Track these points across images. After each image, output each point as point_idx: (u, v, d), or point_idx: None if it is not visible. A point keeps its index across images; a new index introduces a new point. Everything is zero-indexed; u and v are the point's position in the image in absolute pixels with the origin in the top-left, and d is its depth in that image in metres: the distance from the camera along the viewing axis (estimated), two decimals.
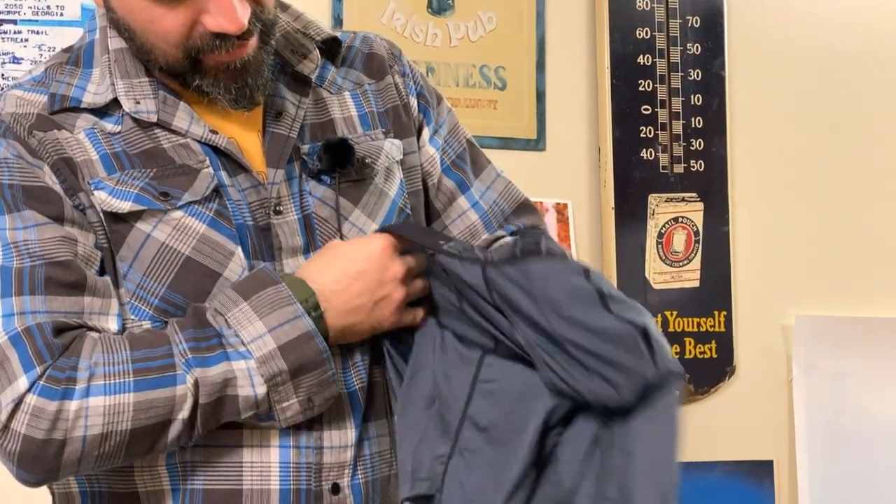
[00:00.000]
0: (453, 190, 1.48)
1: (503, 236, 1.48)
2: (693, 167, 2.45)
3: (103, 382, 1.22)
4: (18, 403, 1.21)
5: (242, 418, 1.26)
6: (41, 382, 1.21)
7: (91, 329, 1.27)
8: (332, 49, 1.46)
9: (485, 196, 1.49)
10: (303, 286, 1.29)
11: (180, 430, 1.24)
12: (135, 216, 1.30)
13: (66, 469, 1.23)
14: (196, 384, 1.23)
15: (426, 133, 1.49)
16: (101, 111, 1.34)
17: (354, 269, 1.31)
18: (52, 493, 1.38)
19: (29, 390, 1.21)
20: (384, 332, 1.35)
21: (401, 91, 1.48)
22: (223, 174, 1.34)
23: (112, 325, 1.28)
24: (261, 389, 1.25)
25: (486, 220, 1.48)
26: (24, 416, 1.21)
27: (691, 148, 2.45)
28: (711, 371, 2.45)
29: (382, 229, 1.38)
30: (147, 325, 1.30)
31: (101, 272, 1.30)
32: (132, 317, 1.30)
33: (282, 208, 1.35)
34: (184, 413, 1.23)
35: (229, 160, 1.34)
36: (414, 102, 1.49)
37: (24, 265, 1.26)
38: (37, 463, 1.22)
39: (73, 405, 1.21)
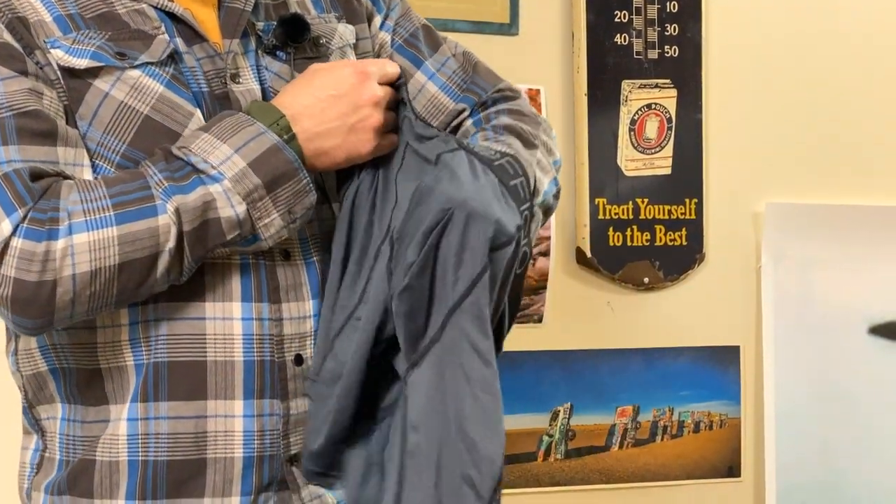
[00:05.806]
0: (407, 67, 1.48)
1: (464, 109, 1.48)
2: (667, 53, 2.43)
3: (84, 219, 1.23)
4: (5, 247, 1.22)
5: (228, 239, 1.27)
6: (25, 225, 1.22)
7: (67, 178, 1.27)
8: None
9: (443, 68, 1.50)
10: (272, 110, 1.30)
11: (169, 261, 1.25)
12: (92, 73, 1.30)
13: (61, 312, 1.23)
14: (177, 212, 1.24)
15: (377, 20, 1.50)
16: None
17: (327, 94, 1.32)
18: (21, 376, 1.38)
19: (13, 234, 1.22)
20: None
21: None
22: (179, 41, 1.34)
23: (87, 175, 1.29)
24: (240, 208, 1.26)
25: (446, 90, 1.49)
26: (13, 260, 1.22)
27: (666, 33, 2.43)
28: (681, 258, 2.45)
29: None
30: None
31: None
32: (95, 175, 1.30)
33: (240, 79, 1.36)
34: (171, 243, 1.24)
35: (185, 28, 1.35)
36: None
37: None
38: (31, 306, 1.22)
39: (59, 245, 1.22)
